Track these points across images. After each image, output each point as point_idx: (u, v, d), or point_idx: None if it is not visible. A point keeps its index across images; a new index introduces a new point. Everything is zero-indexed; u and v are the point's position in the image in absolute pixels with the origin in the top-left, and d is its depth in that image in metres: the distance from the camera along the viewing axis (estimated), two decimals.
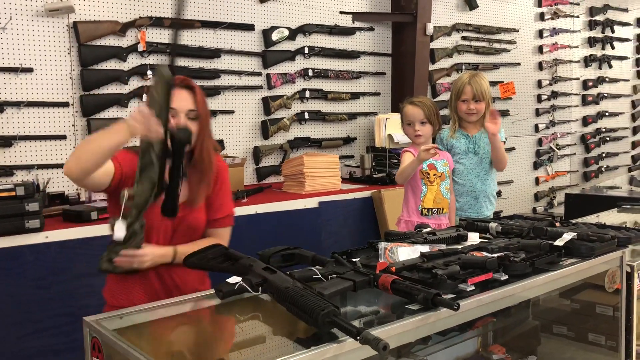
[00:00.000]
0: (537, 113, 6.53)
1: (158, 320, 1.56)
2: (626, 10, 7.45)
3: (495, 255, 1.75)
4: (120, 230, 1.87)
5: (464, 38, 5.65)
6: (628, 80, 7.67)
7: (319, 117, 4.63)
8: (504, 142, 3.26)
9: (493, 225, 2.21)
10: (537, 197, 6.65)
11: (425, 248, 1.82)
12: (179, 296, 1.93)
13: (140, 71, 3.74)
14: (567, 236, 1.97)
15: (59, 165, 3.48)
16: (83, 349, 1.46)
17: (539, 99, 6.53)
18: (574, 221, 2.52)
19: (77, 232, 2.91)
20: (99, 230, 2.97)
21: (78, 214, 2.98)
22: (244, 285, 1.51)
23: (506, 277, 1.69)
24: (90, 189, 1.96)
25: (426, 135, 2.98)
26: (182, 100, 2.00)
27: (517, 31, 6.11)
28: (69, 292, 2.85)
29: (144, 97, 3.74)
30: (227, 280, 1.55)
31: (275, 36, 4.36)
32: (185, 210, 2.04)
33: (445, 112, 5.17)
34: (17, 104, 3.34)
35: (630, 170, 7.65)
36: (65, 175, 1.88)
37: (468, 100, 3.13)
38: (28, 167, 3.38)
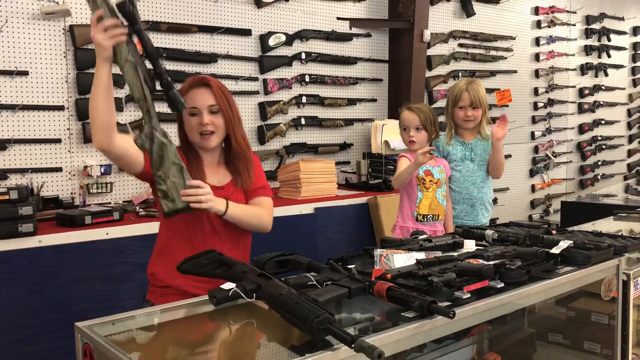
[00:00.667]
0: (534, 120, 6.54)
1: (151, 326, 1.55)
2: (622, 19, 7.48)
3: (492, 262, 1.74)
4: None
5: (460, 45, 5.67)
6: (624, 89, 7.70)
7: (315, 122, 4.62)
8: None
9: (489, 232, 2.20)
10: (533, 204, 6.65)
11: (421, 255, 1.81)
12: (175, 301, 1.92)
13: None
14: (564, 244, 1.97)
15: (53, 169, 3.46)
16: (75, 355, 1.44)
17: (535, 106, 6.55)
18: (570, 229, 2.52)
19: (70, 237, 2.89)
20: (93, 234, 2.96)
21: (72, 218, 2.97)
22: (238, 291, 1.49)
23: (502, 284, 1.68)
24: (129, 168, 1.99)
25: (421, 141, 2.98)
26: (201, 98, 2.08)
27: (514, 39, 6.13)
28: (62, 297, 2.83)
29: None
30: (221, 286, 1.54)
31: (272, 41, 4.36)
32: (229, 190, 2.13)
33: (442, 118, 5.18)
34: (12, 107, 3.33)
35: (625, 178, 7.67)
36: (99, 150, 1.92)
37: (465, 107, 3.12)
38: (22, 171, 3.37)
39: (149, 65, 1.93)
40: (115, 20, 1.84)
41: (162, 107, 3.87)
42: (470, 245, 2.07)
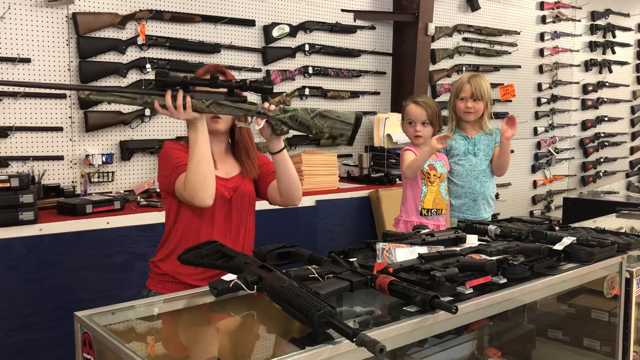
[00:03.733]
0: (537, 116, 6.52)
1: (151, 316, 1.54)
2: (628, 15, 7.45)
3: (494, 258, 1.73)
4: None
5: (465, 39, 5.64)
6: (628, 86, 7.67)
7: None
8: None
9: (492, 227, 2.19)
10: (534, 200, 6.64)
11: (424, 249, 1.80)
12: (175, 292, 1.92)
13: (139, 64, 3.71)
14: (567, 240, 1.95)
15: (55, 157, 3.45)
16: (74, 344, 1.43)
17: (538, 102, 6.52)
18: (573, 226, 2.50)
19: (71, 225, 2.89)
20: (94, 223, 2.95)
21: (73, 206, 2.96)
22: (239, 283, 1.48)
23: (505, 280, 1.67)
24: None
25: (426, 136, 2.96)
26: None
27: (519, 34, 6.10)
28: (61, 285, 2.83)
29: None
30: (222, 277, 1.53)
31: (275, 32, 4.34)
32: (238, 181, 2.16)
33: (445, 112, 5.16)
34: (13, 95, 3.31)
35: (628, 175, 7.65)
36: (206, 205, 1.97)
37: (466, 99, 3.11)
38: (24, 159, 3.35)
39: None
40: (167, 94, 1.88)
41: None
42: (472, 240, 2.05)
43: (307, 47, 4.51)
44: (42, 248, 2.78)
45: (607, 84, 7.25)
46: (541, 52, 6.45)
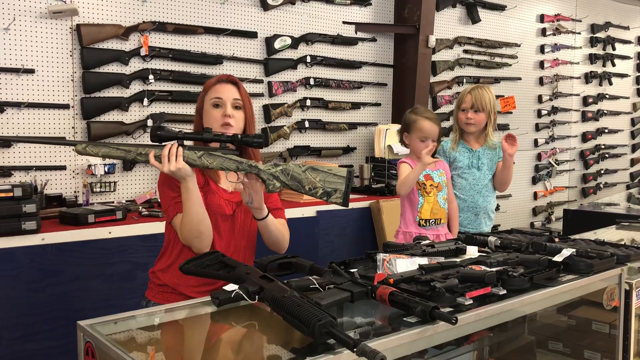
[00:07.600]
0: (537, 128, 6.54)
1: (153, 326, 1.55)
2: (627, 28, 7.49)
3: (494, 269, 1.74)
4: None
5: (465, 51, 5.67)
6: (628, 98, 7.70)
7: (319, 126, 4.63)
8: None
9: (492, 239, 2.20)
10: (535, 211, 6.64)
11: (424, 260, 1.81)
12: (176, 302, 1.93)
13: (142, 75, 3.74)
14: (566, 252, 1.96)
15: (57, 167, 3.47)
16: (77, 353, 1.44)
17: (539, 114, 6.54)
18: (572, 237, 2.51)
19: (73, 235, 2.90)
20: (96, 233, 2.96)
21: (75, 216, 2.97)
22: (241, 293, 1.49)
23: (504, 291, 1.68)
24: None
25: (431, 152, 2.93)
26: (227, 92, 2.14)
27: (519, 46, 6.13)
28: (63, 295, 2.84)
29: (145, 101, 3.74)
30: (224, 287, 1.54)
31: (277, 44, 4.37)
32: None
33: (446, 124, 5.18)
34: (17, 105, 3.34)
35: (628, 187, 7.66)
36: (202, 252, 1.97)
37: (467, 110, 3.12)
38: (26, 168, 3.37)
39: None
40: (166, 147, 1.92)
41: (174, 108, 3.88)
42: (473, 252, 2.07)
43: (308, 59, 4.54)
44: (45, 257, 2.79)
45: (607, 96, 7.28)
46: (541, 64, 6.48)
